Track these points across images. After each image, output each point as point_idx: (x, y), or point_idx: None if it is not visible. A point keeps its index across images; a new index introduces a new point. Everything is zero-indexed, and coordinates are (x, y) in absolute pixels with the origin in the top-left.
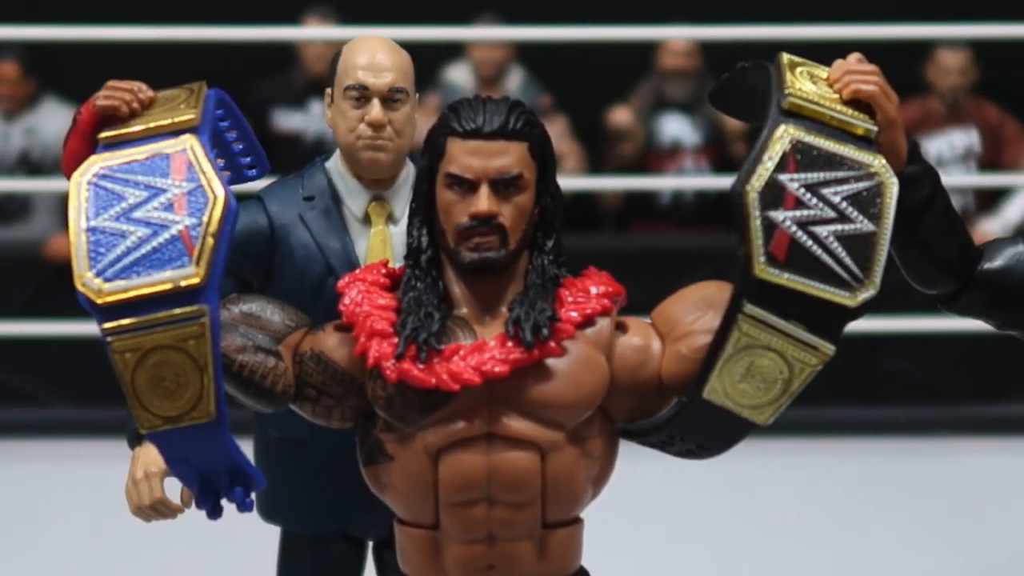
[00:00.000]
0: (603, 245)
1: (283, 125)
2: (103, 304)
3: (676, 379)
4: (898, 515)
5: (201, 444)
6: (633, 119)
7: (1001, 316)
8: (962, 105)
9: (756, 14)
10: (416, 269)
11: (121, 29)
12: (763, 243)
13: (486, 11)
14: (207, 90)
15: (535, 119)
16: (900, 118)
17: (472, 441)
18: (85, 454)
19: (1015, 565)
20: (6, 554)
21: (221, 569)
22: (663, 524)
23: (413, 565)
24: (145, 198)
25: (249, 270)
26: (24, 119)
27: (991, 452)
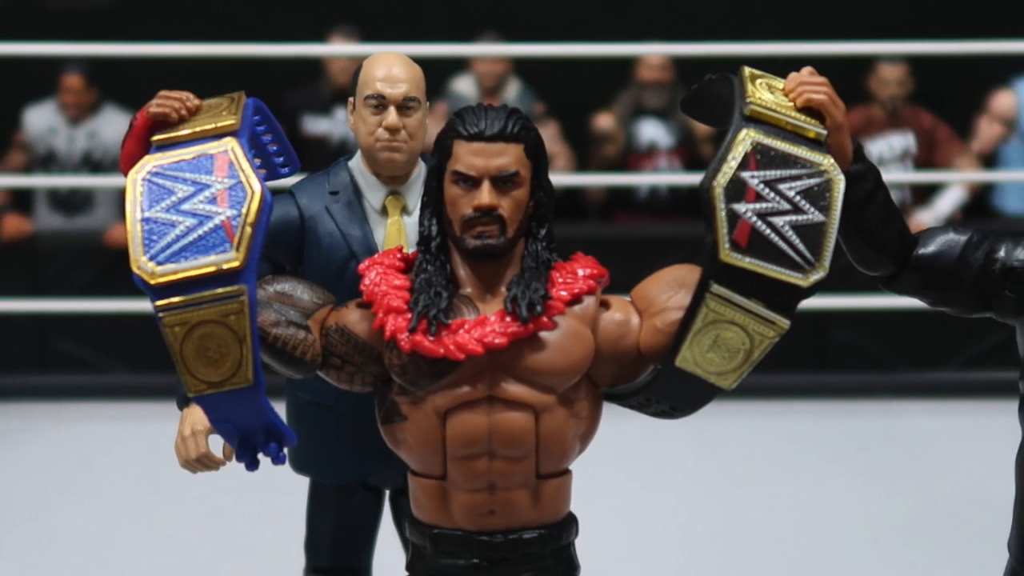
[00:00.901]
0: (589, 233)
1: (311, 129)
2: (156, 285)
3: (652, 349)
4: (843, 467)
5: (240, 406)
6: (615, 124)
7: (933, 295)
8: (900, 112)
9: (721, 33)
10: (427, 254)
11: (171, 46)
12: (728, 231)
13: (487, 30)
14: (246, 99)
15: (530, 124)
16: (846, 123)
17: (475, 403)
18: (140, 415)
19: (943, 508)
20: (72, 500)
21: (258, 515)
22: (640, 475)
23: (424, 511)
24: (192, 192)
25: (282, 255)
26: (87, 124)
27: (924, 413)
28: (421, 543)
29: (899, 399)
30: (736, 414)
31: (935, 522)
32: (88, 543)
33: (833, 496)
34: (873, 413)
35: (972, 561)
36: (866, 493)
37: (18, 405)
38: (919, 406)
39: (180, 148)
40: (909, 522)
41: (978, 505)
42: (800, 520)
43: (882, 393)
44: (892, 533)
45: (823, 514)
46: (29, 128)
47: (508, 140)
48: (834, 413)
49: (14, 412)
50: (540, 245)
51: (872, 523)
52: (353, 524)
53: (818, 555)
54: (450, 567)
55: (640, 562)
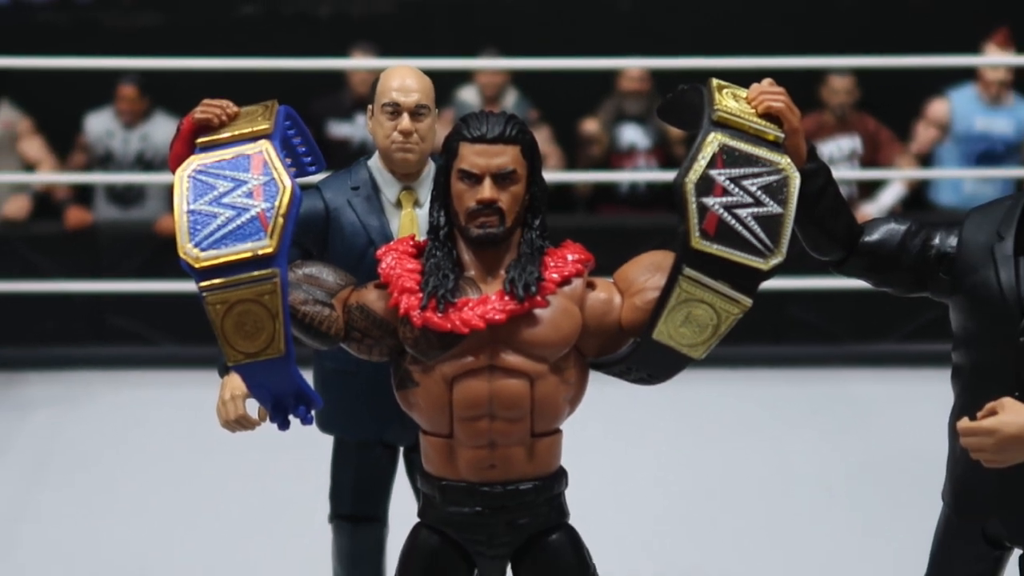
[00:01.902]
0: (577, 224)
1: (335, 132)
2: (200, 268)
3: (632, 324)
4: (800, 428)
5: (274, 374)
6: (599, 128)
7: (876, 277)
8: (848, 118)
9: (692, 49)
10: (436, 241)
11: (212, 60)
12: (698, 222)
13: (489, 47)
14: (278, 106)
15: (526, 128)
16: (801, 127)
17: (478, 371)
18: (185, 381)
19: (886, 463)
20: (125, 456)
21: (288, 468)
22: (622, 434)
23: (434, 465)
24: (231, 188)
25: (310, 242)
26: (140, 128)
27: (869, 380)
28: (431, 493)
29: (847, 368)
30: (706, 381)
31: (879, 475)
32: (139, 493)
33: (790, 452)
34: (825, 380)
35: (911, 509)
36: (819, 449)
37: (79, 373)
38: (865, 374)
39: (221, 149)
40: (856, 475)
41: (916, 460)
42: (762, 472)
43: (832, 363)
44: (842, 484)
45: (781, 467)
46: (89, 132)
47: (507, 142)
48: (791, 380)
49: (75, 379)
50: (535, 234)
51: (824, 475)
52: (372, 476)
53: (777, 502)
54: (456, 514)
55: (622, 510)
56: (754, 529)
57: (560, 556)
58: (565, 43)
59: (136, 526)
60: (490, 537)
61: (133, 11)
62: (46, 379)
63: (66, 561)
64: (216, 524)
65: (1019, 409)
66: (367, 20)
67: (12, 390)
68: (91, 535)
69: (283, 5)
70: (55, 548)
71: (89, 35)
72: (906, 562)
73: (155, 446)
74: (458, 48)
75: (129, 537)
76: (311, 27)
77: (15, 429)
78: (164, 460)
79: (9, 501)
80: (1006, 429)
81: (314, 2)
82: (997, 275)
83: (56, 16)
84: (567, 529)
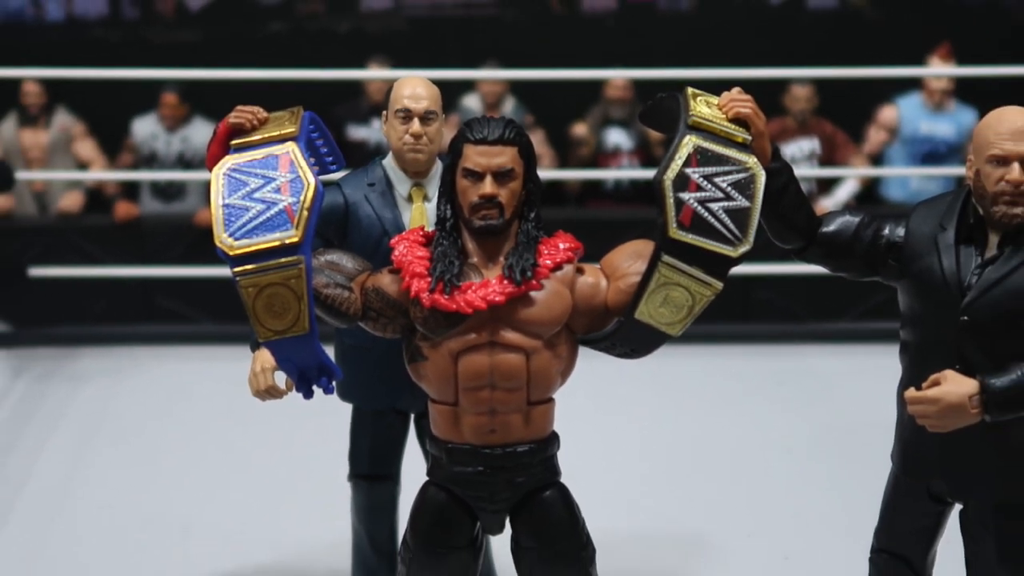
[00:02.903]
0: (567, 216)
1: (353, 135)
2: (234, 255)
3: (617, 305)
4: (765, 397)
5: (299, 349)
6: (588, 131)
7: (833, 263)
8: (808, 122)
9: (670, 61)
10: (443, 232)
11: (245, 71)
12: (675, 214)
13: (490, 60)
14: (303, 112)
15: (523, 131)
16: (766, 131)
17: (480, 347)
18: (221, 356)
19: (842, 427)
20: (169, 421)
21: (312, 433)
22: (607, 402)
23: (441, 429)
24: (261, 184)
25: (331, 232)
26: (181, 131)
27: (827, 355)
28: (438, 454)
29: (808, 344)
30: (682, 355)
31: (836, 439)
32: (180, 455)
33: (757, 418)
34: (788, 355)
35: (865, 469)
36: (783, 416)
37: (128, 348)
38: (823, 349)
39: (252, 150)
40: (816, 438)
41: (869, 426)
42: (732, 437)
43: (794, 339)
44: (803, 447)
45: (750, 432)
46: (136, 134)
47: (505, 144)
48: (758, 355)
49: (125, 354)
50: (530, 225)
51: (787, 439)
52: (386, 440)
53: (746, 463)
54: (461, 473)
55: (607, 469)
56: (725, 486)
57: (553, 510)
58: (557, 56)
59: (178, 484)
60: (491, 494)
61: (174, 27)
62: (98, 354)
63: (115, 516)
64: (248, 482)
65: (960, 380)
66: (382, 36)
67: (68, 364)
68: (137, 493)
69: (307, 22)
70: (106, 505)
71: (135, 49)
72: (860, 516)
73: (194, 413)
74: (462, 60)
75: (171, 494)
76: (332, 42)
77: (70, 398)
78: (202, 425)
79: (64, 462)
80: (948, 398)
81: (335, 20)
82: (940, 262)
83: (106, 32)
84: (559, 487)
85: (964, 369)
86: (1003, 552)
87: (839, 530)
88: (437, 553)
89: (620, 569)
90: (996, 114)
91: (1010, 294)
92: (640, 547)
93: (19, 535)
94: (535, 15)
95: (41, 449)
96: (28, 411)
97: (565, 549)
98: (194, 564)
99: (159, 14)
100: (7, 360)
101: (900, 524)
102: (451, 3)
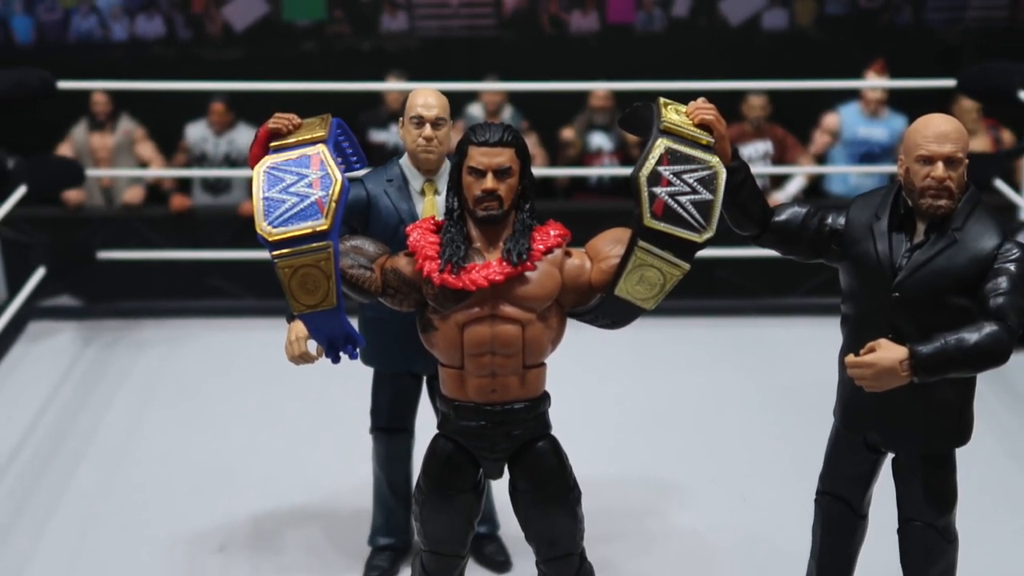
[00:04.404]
0: (557, 208)
1: (375, 138)
2: (272, 241)
3: (599, 284)
4: (725, 363)
5: (328, 321)
6: (574, 135)
7: (784, 247)
8: (762, 127)
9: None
10: (450, 221)
11: (282, 83)
12: (649, 206)
13: (491, 74)
14: (331, 118)
15: (519, 134)
16: (727, 134)
17: (482, 319)
18: (261, 327)
19: (791, 388)
20: (217, 383)
21: (339, 393)
22: (592, 366)
23: (449, 389)
24: (295, 180)
25: (355, 221)
26: (227, 135)
27: (779, 326)
28: (447, 411)
29: (762, 316)
30: (654, 326)
31: (785, 397)
32: (226, 411)
33: (718, 380)
34: (744, 326)
35: (811, 423)
36: (741, 378)
37: (181, 320)
38: (775, 321)
39: (288, 151)
40: (768, 396)
41: (814, 386)
42: (696, 394)
43: (750, 312)
44: (758, 404)
45: (711, 392)
46: (188, 137)
47: (504, 145)
48: (719, 326)
49: (179, 325)
50: (525, 215)
51: (745, 397)
52: (402, 398)
53: (709, 418)
54: (466, 427)
55: (590, 423)
56: (691, 437)
57: (545, 458)
58: (548, 71)
59: (224, 435)
60: (491, 444)
61: (222, 46)
62: (156, 325)
63: (171, 464)
64: (284, 434)
65: (892, 348)
66: (398, 53)
67: (130, 334)
68: (190, 442)
69: (335, 42)
70: (163, 453)
71: (188, 65)
72: (806, 463)
73: (238, 375)
74: (467, 74)
75: (219, 444)
76: (356, 59)
77: (132, 363)
78: (245, 385)
79: (128, 419)
80: (881, 363)
81: (358, 40)
82: (875, 246)
83: (164, 50)
84: (550, 438)
85: (895, 338)
86: (928, 493)
87: (788, 475)
88: (446, 495)
89: (601, 508)
90: (923, 120)
91: (935, 273)
92: (618, 489)
93: (90, 479)
94: (530, 36)
95: (108, 406)
96: (97, 373)
97: (555, 491)
98: (238, 504)
99: (209, 35)
100: (79, 330)
101: (841, 470)
102: (458, 25)
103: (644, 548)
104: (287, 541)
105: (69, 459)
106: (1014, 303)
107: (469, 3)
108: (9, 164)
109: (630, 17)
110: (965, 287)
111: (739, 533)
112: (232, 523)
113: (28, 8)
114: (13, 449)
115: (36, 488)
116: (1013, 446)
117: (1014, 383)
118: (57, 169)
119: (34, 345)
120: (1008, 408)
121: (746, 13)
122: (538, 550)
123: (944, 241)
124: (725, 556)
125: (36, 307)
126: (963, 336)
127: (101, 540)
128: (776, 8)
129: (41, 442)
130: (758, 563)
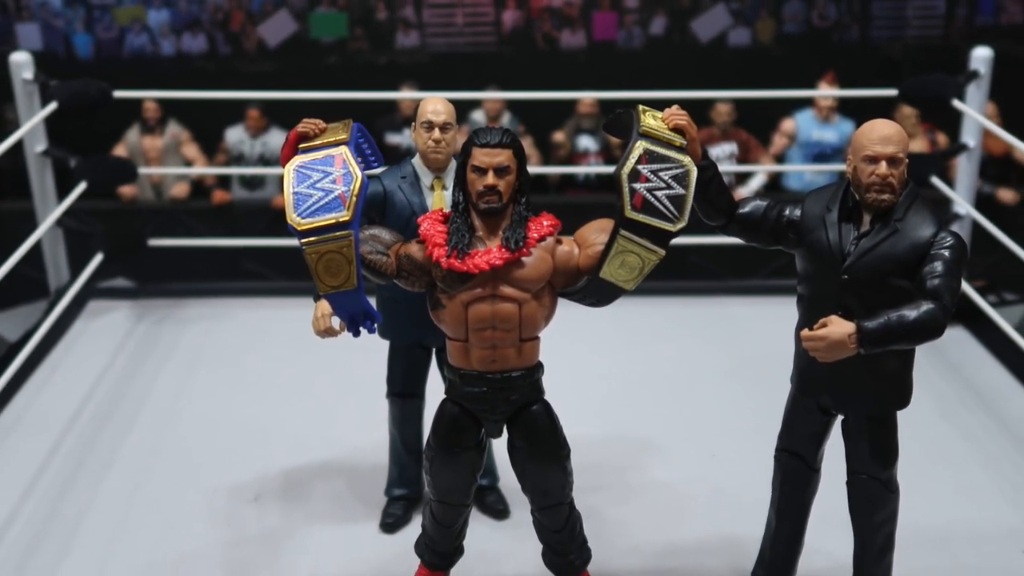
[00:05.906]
0: (550, 201)
1: (390, 140)
2: (301, 230)
3: (586, 267)
4: (696, 336)
5: (349, 300)
6: (565, 137)
7: (748, 236)
8: (728, 131)
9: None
10: (457, 212)
11: (309, 92)
12: (629, 200)
13: (492, 84)
14: (352, 123)
15: (516, 137)
16: (697, 137)
17: (484, 298)
18: (291, 305)
19: (754, 359)
20: (253, 354)
21: (359, 362)
22: (580, 339)
23: (455, 359)
24: (321, 177)
25: (373, 213)
26: (262, 138)
27: (743, 304)
28: (453, 378)
29: (728, 296)
30: (634, 305)
31: (749, 366)
32: (261, 380)
33: (691, 353)
34: (713, 304)
35: (770, 389)
36: (710, 350)
37: (221, 299)
38: (740, 300)
39: (314, 152)
40: (734, 366)
41: (774, 357)
42: (672, 365)
43: (718, 292)
44: (725, 373)
45: (684, 363)
46: (228, 140)
47: (503, 147)
48: (691, 304)
49: (219, 304)
50: (522, 207)
51: (713, 367)
52: (414, 367)
53: (682, 385)
54: (470, 392)
55: (578, 389)
56: (666, 402)
57: (539, 419)
58: (542, 82)
59: (259, 399)
60: (492, 408)
61: (257, 60)
62: (200, 303)
63: (213, 423)
64: (312, 398)
65: (841, 323)
66: (411, 66)
67: (177, 311)
68: (229, 407)
69: (355, 57)
70: (205, 416)
71: (228, 76)
72: (768, 424)
73: (271, 347)
74: (471, 84)
75: (255, 407)
76: (374, 71)
77: (178, 337)
78: (277, 356)
79: (174, 386)
80: (832, 336)
81: (376, 55)
82: (827, 235)
83: (206, 63)
84: (543, 403)
85: (845, 315)
86: (873, 450)
87: (751, 434)
88: (453, 451)
89: (588, 463)
90: (869, 125)
91: (879, 258)
92: (603, 448)
93: (142, 437)
94: (525, 51)
95: (158, 374)
96: (148, 346)
97: (548, 448)
98: (271, 459)
99: (245, 51)
100: (132, 308)
101: (797, 429)
102: (463, 42)
103: (625, 498)
104: (313, 491)
105: (124, 420)
106: (948, 284)
107: (473, 23)
108: (72, 163)
109: (613, 35)
110: (906, 270)
111: (708, 484)
112: (266, 476)
113: (88, 27)
114: (75, 411)
115: (95, 445)
116: (947, 409)
117: (948, 355)
118: (113, 168)
119: (93, 321)
120: (943, 376)
121: (714, 32)
122: (533, 500)
123: (887, 230)
124: (696, 504)
125: (95, 288)
126: (904, 313)
127: (152, 490)
128: (740, 27)
129: (99, 406)
130: (725, 511)
